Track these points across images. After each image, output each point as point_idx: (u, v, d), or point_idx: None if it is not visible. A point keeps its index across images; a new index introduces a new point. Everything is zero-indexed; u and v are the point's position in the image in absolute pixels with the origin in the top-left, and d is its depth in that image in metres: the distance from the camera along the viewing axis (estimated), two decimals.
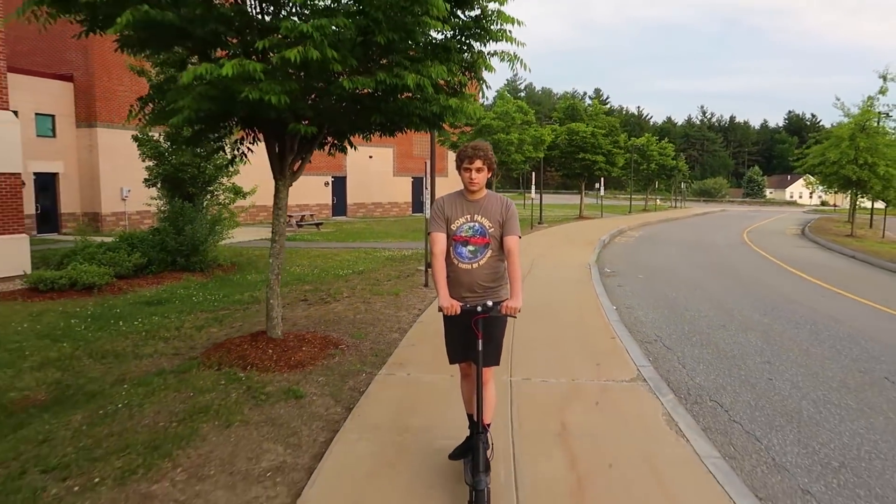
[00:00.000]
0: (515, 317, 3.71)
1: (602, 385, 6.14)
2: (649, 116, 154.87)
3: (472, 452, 3.64)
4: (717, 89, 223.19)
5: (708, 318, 10.01)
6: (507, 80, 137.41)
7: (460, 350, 3.93)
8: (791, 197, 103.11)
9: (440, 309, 3.66)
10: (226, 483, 4.09)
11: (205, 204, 14.28)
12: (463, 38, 6.32)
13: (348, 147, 7.67)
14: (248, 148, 7.51)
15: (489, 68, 6.52)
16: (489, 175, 3.86)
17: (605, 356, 7.18)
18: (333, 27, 5.05)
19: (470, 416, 4.06)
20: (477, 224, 3.85)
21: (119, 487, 4.01)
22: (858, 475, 4.62)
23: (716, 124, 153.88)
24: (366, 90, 5.65)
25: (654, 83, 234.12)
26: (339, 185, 34.63)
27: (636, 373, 6.57)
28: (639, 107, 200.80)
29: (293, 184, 7.08)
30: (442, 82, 6.08)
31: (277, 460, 4.43)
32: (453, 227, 3.86)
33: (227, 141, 7.69)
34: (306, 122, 6.11)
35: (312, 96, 6.11)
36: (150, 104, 6.97)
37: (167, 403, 5.44)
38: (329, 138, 7.28)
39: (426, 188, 12.16)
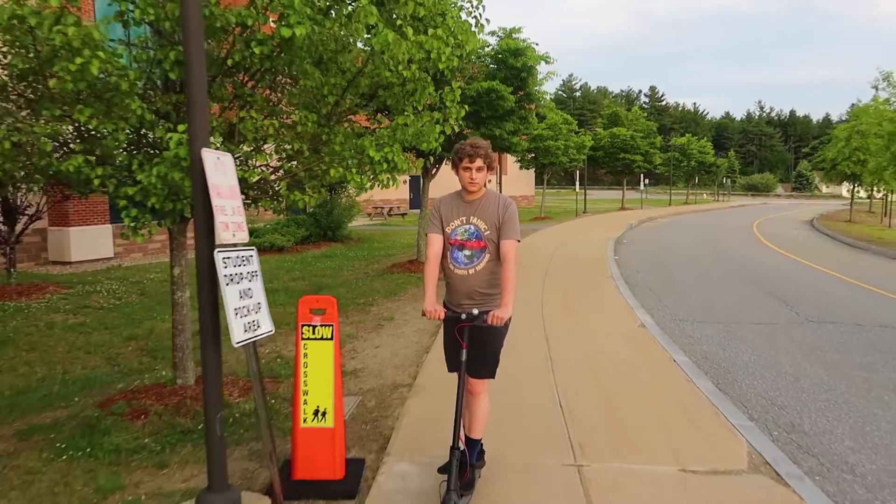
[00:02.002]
0: (503, 327, 3.48)
1: (595, 282, 12.11)
2: (706, 112, 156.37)
3: (447, 468, 3.40)
4: (777, 82, 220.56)
5: (674, 262, 15.79)
6: (563, 80, 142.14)
7: (456, 359, 3.59)
8: (848, 192, 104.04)
9: (423, 313, 3.46)
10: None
11: (342, 196, 20.79)
12: (518, 107, 12.42)
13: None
14: None
15: (532, 121, 12.59)
16: (488, 175, 3.60)
17: (599, 273, 13.14)
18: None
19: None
20: (472, 227, 3.58)
21: (362, 308, 10.28)
22: (711, 313, 10.50)
23: (775, 119, 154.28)
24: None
25: (713, 77, 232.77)
26: (415, 183, 41.06)
27: (612, 279, 12.50)
28: (695, 103, 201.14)
29: (374, 184, 13.29)
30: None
31: None
32: (448, 229, 3.62)
33: None
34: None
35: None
36: None
37: (379, 284, 11.74)
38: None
39: (491, 181, 18.24)
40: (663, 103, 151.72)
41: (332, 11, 4.44)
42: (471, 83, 11.45)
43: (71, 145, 4.68)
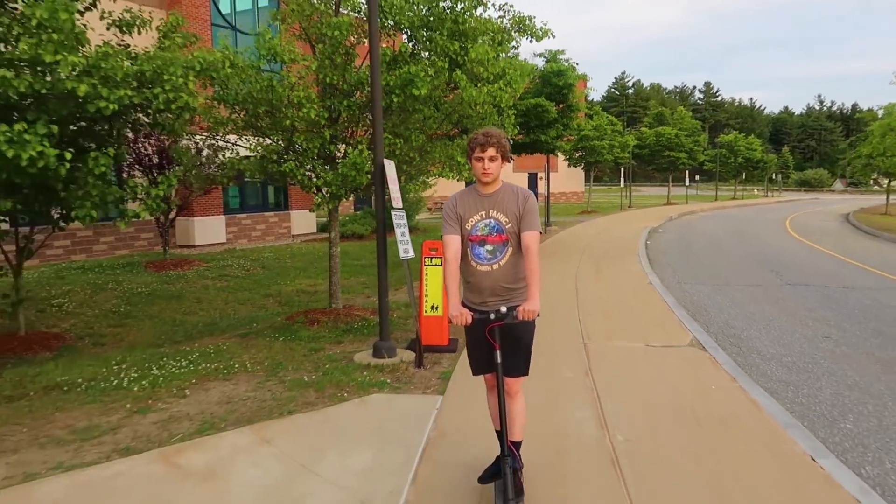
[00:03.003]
0: (534, 322, 3.42)
1: (622, 258, 14.90)
2: (763, 107, 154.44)
3: (502, 477, 3.33)
4: (839, 75, 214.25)
5: (697, 245, 18.37)
6: (616, 78, 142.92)
7: (483, 361, 3.60)
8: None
9: (450, 319, 3.36)
10: None
11: (410, 192, 24.03)
12: (560, 116, 15.33)
13: None
14: None
15: (573, 126, 15.47)
16: (503, 165, 3.49)
17: (628, 252, 15.91)
18: (516, 129, 14.21)
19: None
20: (493, 220, 3.48)
21: None
22: (711, 278, 13.20)
23: (836, 113, 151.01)
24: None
25: (772, 70, 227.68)
26: (470, 182, 44.18)
27: (637, 256, 15.26)
28: (752, 98, 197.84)
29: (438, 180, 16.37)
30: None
31: None
32: (468, 226, 3.51)
33: None
34: None
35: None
36: None
37: None
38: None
39: (542, 179, 21.18)
40: (718, 99, 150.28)
41: (439, 78, 7.52)
42: (522, 99, 14.43)
43: (283, 156, 7.92)
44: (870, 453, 4.61)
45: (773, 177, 68.61)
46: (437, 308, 7.07)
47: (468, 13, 7.63)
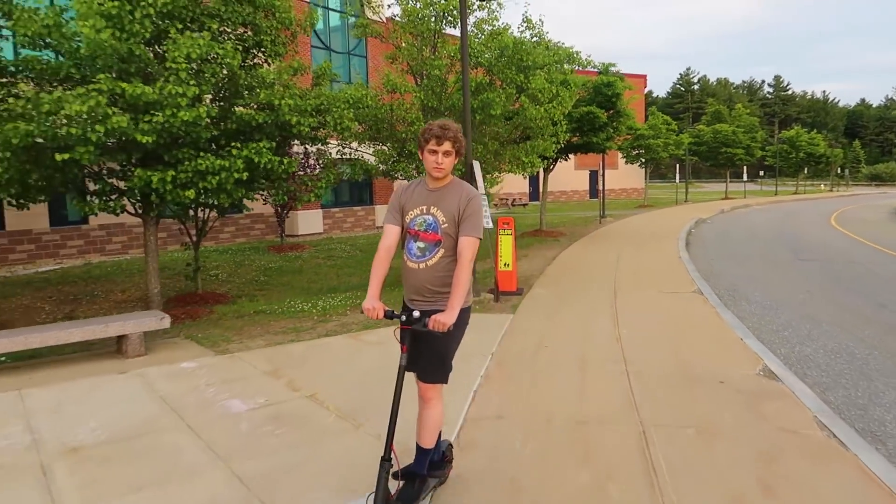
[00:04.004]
0: (446, 333, 3.06)
1: (663, 241, 17.44)
2: (836, 100, 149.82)
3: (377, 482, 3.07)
4: None
5: (736, 233, 20.60)
6: (681, 73, 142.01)
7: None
8: None
9: (362, 310, 3.22)
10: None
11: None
12: (610, 120, 17.99)
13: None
14: None
15: (622, 130, 18.10)
16: (456, 161, 3.32)
17: (670, 237, 18.40)
18: (568, 135, 16.99)
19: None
20: (430, 217, 3.29)
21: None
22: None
23: None
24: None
25: (847, 61, 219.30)
26: (533, 179, 46.77)
27: (677, 240, 17.74)
28: (824, 91, 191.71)
29: (504, 178, 19.10)
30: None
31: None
32: (407, 218, 3.35)
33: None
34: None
35: None
36: None
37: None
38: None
39: (600, 175, 23.72)
40: (789, 92, 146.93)
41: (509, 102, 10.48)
42: (577, 108, 17.17)
43: (398, 158, 11.04)
44: (788, 343, 7.26)
45: (840, 171, 68.19)
46: (507, 265, 10.01)
47: (529, 54, 10.55)
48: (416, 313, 3.16)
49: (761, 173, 64.41)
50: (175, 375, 6.09)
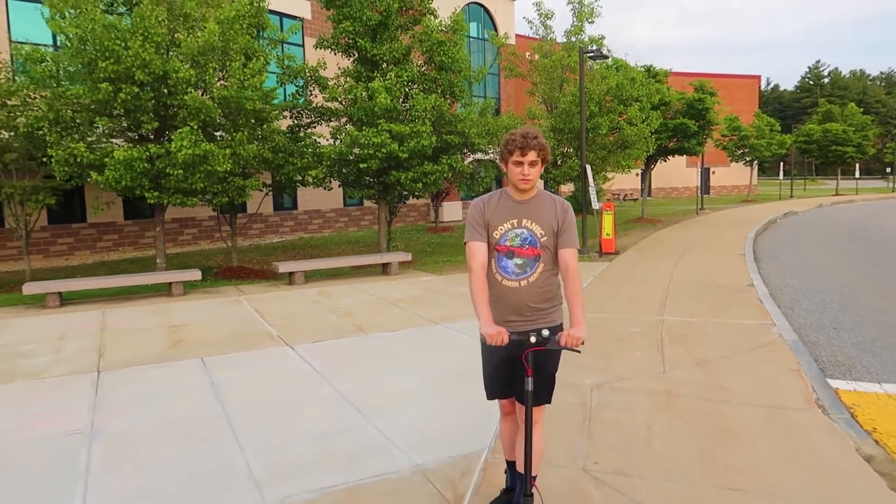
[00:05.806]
0: (579, 350, 2.97)
1: (740, 226, 21.45)
2: None
3: None
4: None
5: (818, 223, 24.00)
6: (809, 67, 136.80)
7: (501, 384, 3.23)
8: None
9: (483, 338, 3.00)
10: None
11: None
12: (699, 129, 22.18)
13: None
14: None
15: (712, 138, 22.25)
16: (542, 170, 3.10)
17: (750, 225, 22.31)
18: (655, 145, 21.41)
19: (510, 464, 3.44)
20: (525, 231, 3.10)
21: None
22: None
23: None
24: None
25: None
26: (645, 174, 50.35)
27: (752, 229, 21.65)
28: None
29: (615, 176, 23.52)
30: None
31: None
32: (496, 234, 3.12)
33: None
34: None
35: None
36: None
37: (621, 229, 22.41)
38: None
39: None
40: None
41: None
42: (674, 119, 21.51)
43: None
44: (781, 277, 11.72)
45: None
46: (608, 234, 14.90)
47: (626, 90, 15.36)
48: (546, 332, 2.94)
49: (888, 171, 63.61)
50: (423, 282, 11.61)
